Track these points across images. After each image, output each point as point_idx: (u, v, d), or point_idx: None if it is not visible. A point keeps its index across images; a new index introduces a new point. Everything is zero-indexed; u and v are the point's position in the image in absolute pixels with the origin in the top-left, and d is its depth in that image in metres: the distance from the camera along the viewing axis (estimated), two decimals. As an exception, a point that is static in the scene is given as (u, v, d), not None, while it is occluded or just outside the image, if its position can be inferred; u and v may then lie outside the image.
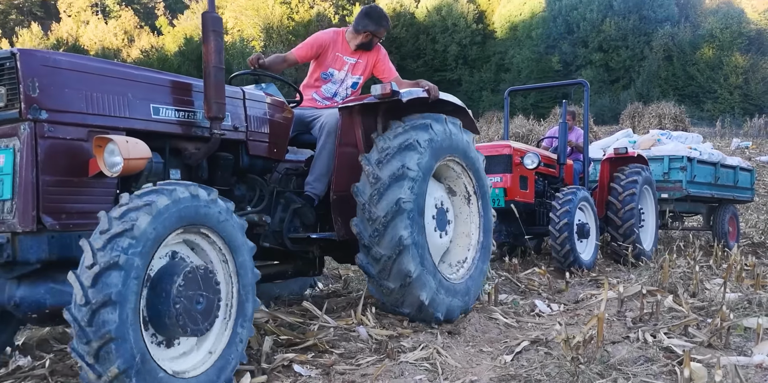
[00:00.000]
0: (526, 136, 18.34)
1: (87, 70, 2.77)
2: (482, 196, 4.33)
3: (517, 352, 3.33)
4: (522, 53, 35.46)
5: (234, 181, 3.66)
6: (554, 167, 7.02)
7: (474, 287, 4.12)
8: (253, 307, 2.84)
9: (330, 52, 4.39)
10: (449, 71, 38.09)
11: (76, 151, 2.68)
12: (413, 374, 2.98)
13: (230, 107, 3.43)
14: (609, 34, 31.85)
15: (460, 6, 38.98)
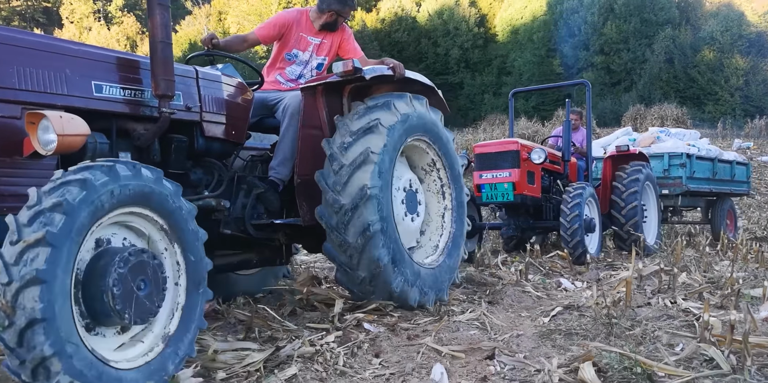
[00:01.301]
0: (531, 137, 18.84)
1: (19, 43, 2.63)
2: (452, 175, 4.25)
3: (553, 315, 3.84)
4: (523, 56, 36.06)
5: (190, 165, 3.53)
6: (559, 164, 7.51)
7: (449, 268, 4.08)
8: (203, 297, 2.69)
9: (293, 32, 4.27)
10: (451, 75, 38.66)
11: (8, 129, 2.53)
12: (467, 330, 3.49)
13: (182, 86, 3.31)
14: (610, 37, 32.47)
15: (462, 10, 39.60)
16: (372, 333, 3.36)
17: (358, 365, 2.91)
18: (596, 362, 2.67)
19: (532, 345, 3.21)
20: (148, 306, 2.41)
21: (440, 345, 3.14)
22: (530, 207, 7.02)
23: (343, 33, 4.38)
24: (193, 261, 2.64)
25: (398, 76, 3.91)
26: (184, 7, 45.55)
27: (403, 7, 40.45)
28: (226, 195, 3.64)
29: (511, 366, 2.86)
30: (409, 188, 3.98)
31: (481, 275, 5.11)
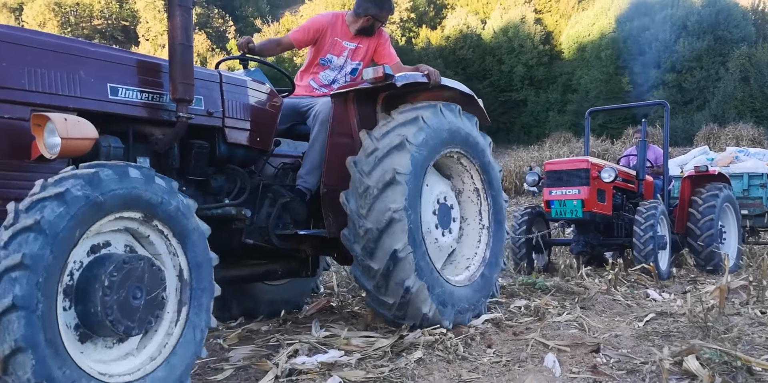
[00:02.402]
0: (602, 155, 18.90)
1: (30, 43, 2.57)
2: (490, 185, 4.08)
3: (647, 320, 4.12)
4: (590, 74, 35.89)
5: (211, 171, 3.45)
6: (633, 183, 7.65)
7: (486, 285, 3.94)
8: (210, 295, 2.63)
9: (328, 36, 4.16)
10: (515, 92, 38.79)
11: (16, 131, 2.47)
12: (567, 329, 3.83)
13: (204, 90, 3.23)
14: (682, 54, 32.01)
15: (527, 27, 39.79)
16: (480, 329, 3.73)
17: (475, 353, 3.29)
18: (698, 357, 2.97)
19: (632, 343, 3.52)
20: (146, 314, 2.34)
21: (546, 339, 3.49)
22: (600, 224, 7.22)
23: (380, 38, 4.26)
24: (196, 258, 2.54)
25: (433, 84, 3.78)
26: (253, 25, 47.26)
27: (468, 24, 40.95)
28: (248, 204, 3.54)
29: (617, 359, 3.18)
30: (442, 201, 3.81)
31: (568, 285, 5.41)
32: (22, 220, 2.02)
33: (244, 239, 3.53)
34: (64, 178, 2.15)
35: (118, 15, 48.61)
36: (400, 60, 4.31)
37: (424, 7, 44.31)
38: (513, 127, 38.30)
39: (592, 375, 2.92)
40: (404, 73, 3.69)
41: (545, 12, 44.55)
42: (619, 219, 7.38)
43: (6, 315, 1.92)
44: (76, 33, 44.07)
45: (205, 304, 2.58)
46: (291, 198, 3.70)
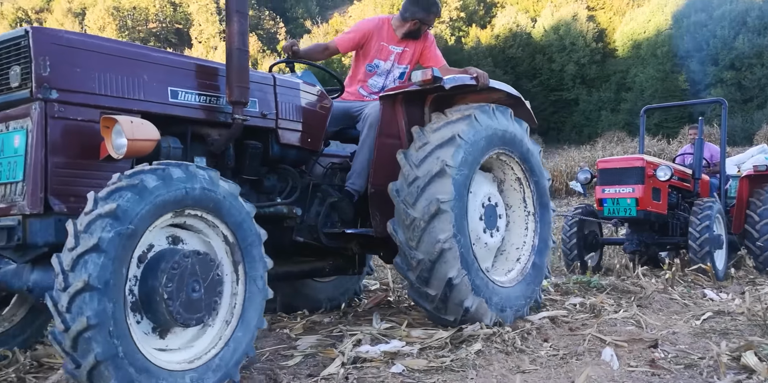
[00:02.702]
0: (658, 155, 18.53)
1: (100, 50, 2.74)
2: (537, 189, 4.11)
3: (705, 318, 4.14)
4: (646, 72, 35.11)
5: (264, 171, 3.57)
6: (689, 182, 7.57)
7: (529, 288, 3.96)
8: (262, 296, 2.75)
9: (374, 41, 4.21)
10: (566, 91, 38.25)
11: (87, 132, 2.64)
12: (623, 326, 3.89)
13: (259, 93, 3.34)
14: (742, 51, 31.01)
15: (579, 25, 39.18)
16: (536, 324, 3.83)
17: (532, 346, 3.40)
18: (756, 353, 3.01)
19: (690, 340, 3.57)
20: (203, 307, 2.47)
21: (603, 335, 3.57)
22: (655, 223, 7.16)
23: (426, 40, 4.31)
24: (251, 259, 2.67)
25: (481, 86, 3.81)
26: (303, 26, 47.93)
27: (518, 22, 40.60)
28: (299, 203, 3.65)
29: (674, 354, 3.25)
30: (488, 202, 3.85)
31: (624, 284, 5.43)
32: (100, 207, 2.18)
33: (295, 237, 3.64)
34: (139, 172, 2.33)
35: (172, 18, 50.00)
36: (446, 62, 4.37)
37: (473, 6, 44.12)
38: (564, 126, 37.78)
39: (650, 369, 3.00)
40: (453, 76, 3.74)
41: (598, 9, 43.78)
42: (674, 218, 7.33)
43: (81, 293, 2.07)
44: (132, 36, 45.55)
45: (258, 305, 2.71)
46: (339, 198, 3.81)
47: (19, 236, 2.50)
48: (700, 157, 7.60)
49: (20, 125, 2.59)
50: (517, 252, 4.09)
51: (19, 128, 2.59)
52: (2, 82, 2.64)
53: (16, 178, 2.56)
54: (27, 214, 2.50)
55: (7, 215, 2.56)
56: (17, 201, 2.54)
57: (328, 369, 2.93)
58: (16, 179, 2.57)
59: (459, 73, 3.89)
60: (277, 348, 3.38)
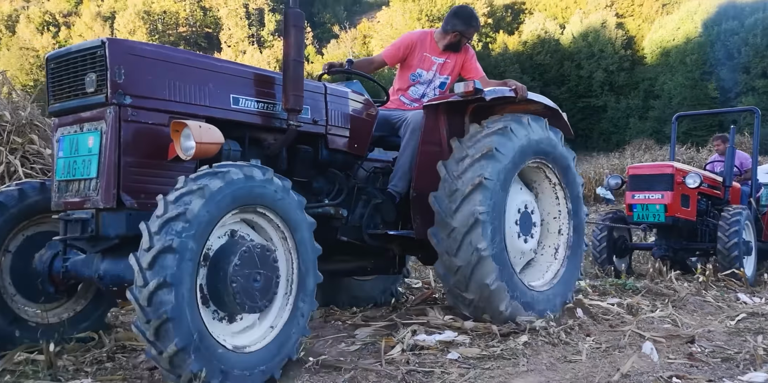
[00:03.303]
0: (687, 163, 18.56)
1: (171, 59, 2.98)
2: (572, 197, 4.28)
3: (739, 319, 4.36)
4: (674, 79, 35.03)
5: (313, 174, 3.80)
6: (719, 189, 7.69)
7: (562, 292, 4.14)
8: (314, 281, 2.98)
9: (417, 52, 4.44)
10: (594, 98, 38.26)
11: (157, 135, 2.88)
12: (660, 324, 4.13)
13: (311, 101, 3.56)
14: (774, 59, 30.98)
15: (608, 32, 39.20)
16: (579, 319, 4.08)
17: (576, 339, 3.65)
18: (790, 348, 3.24)
19: (725, 337, 3.80)
20: (264, 295, 2.71)
21: (642, 331, 3.81)
22: (684, 229, 7.34)
23: (466, 53, 4.52)
24: (303, 248, 2.91)
25: (520, 99, 4.00)
26: (330, 31, 48.54)
27: (546, 29, 40.72)
28: (345, 204, 3.86)
29: (711, 349, 3.48)
30: (524, 209, 4.04)
31: (658, 287, 5.65)
32: (170, 210, 2.41)
33: (339, 236, 3.84)
34: (203, 175, 2.54)
35: (202, 22, 50.97)
36: (485, 74, 4.57)
37: (501, 12, 44.38)
38: (592, 133, 37.75)
39: (689, 361, 3.24)
40: (493, 88, 3.94)
41: (627, 16, 43.75)
42: (703, 225, 7.47)
43: (159, 289, 2.31)
44: (162, 40, 46.49)
45: (310, 288, 2.94)
46: (382, 200, 4.00)
47: (92, 228, 2.76)
48: (731, 165, 7.75)
49: (94, 126, 2.84)
50: (552, 256, 4.28)
51: (93, 129, 2.84)
52: (78, 88, 2.88)
53: (90, 175, 2.81)
54: (100, 208, 2.75)
55: (81, 208, 2.83)
56: (91, 196, 2.79)
57: (390, 354, 3.21)
58: (90, 176, 2.81)
59: (498, 85, 4.10)
60: (337, 337, 3.67)
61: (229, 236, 2.74)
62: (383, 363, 3.09)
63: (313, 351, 3.27)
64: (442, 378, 2.89)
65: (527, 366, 3.11)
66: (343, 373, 2.93)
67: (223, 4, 49.49)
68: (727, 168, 7.76)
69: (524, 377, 2.93)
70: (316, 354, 3.18)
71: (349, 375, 2.89)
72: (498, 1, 45.16)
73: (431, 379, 2.87)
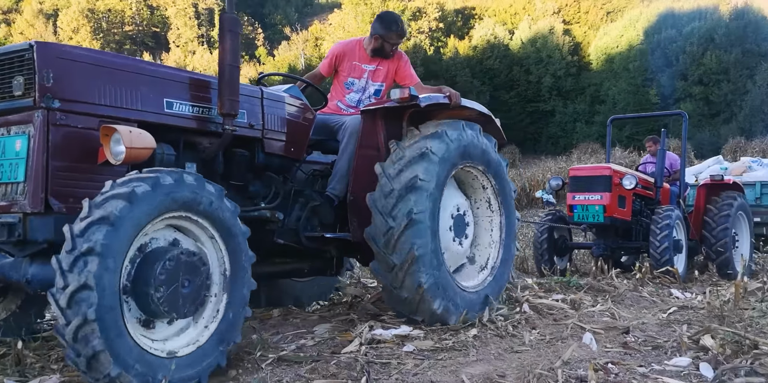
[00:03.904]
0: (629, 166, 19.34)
1: (102, 63, 2.98)
2: (504, 201, 4.43)
3: (670, 312, 4.71)
4: (618, 85, 36.22)
5: (250, 177, 3.84)
6: (651, 190, 8.12)
7: (494, 292, 4.30)
8: (248, 289, 2.99)
9: (347, 61, 4.56)
10: (542, 102, 39.20)
11: (86, 139, 2.87)
12: (600, 317, 4.44)
13: (247, 105, 3.61)
14: (710, 67, 32.26)
15: (556, 38, 40.22)
16: (526, 314, 4.36)
17: (521, 332, 3.91)
18: (712, 336, 3.57)
19: (657, 328, 4.13)
20: (192, 301, 2.71)
21: (583, 323, 4.11)
22: (620, 229, 7.72)
23: (399, 60, 4.61)
24: (236, 256, 2.92)
25: (454, 105, 4.13)
26: (282, 33, 48.30)
27: (496, 34, 41.49)
28: (281, 207, 3.90)
29: (644, 339, 3.79)
30: (457, 212, 4.18)
31: (599, 284, 6.00)
32: (94, 213, 2.42)
33: (276, 239, 3.87)
34: (131, 180, 2.56)
35: (149, 21, 50.04)
36: (420, 81, 4.69)
37: (452, 17, 45.04)
38: (540, 137, 38.70)
39: (624, 349, 3.54)
40: (428, 95, 4.08)
41: (574, 23, 45.01)
42: (637, 224, 7.85)
43: (79, 292, 2.31)
44: (107, 38, 45.49)
45: (243, 295, 2.95)
46: (320, 203, 4.09)
47: (20, 232, 2.74)
48: (662, 166, 8.12)
49: (22, 130, 2.81)
50: (484, 258, 4.45)
51: (21, 133, 2.81)
52: (5, 90, 2.86)
53: (18, 179, 2.79)
54: (28, 212, 2.73)
55: (8, 212, 2.80)
56: (18, 200, 2.77)
57: (349, 348, 3.41)
58: (17, 180, 2.79)
59: (433, 92, 4.25)
60: (297, 333, 3.84)
61: (157, 241, 2.73)
62: (342, 356, 3.28)
63: (273, 347, 3.44)
64: (398, 368, 3.10)
65: (477, 356, 3.35)
66: (304, 365, 3.10)
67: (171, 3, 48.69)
68: (658, 170, 8.12)
69: (474, 366, 3.17)
70: (277, 350, 3.35)
71: (310, 367, 3.07)
72: (449, 6, 45.84)
73: (388, 369, 3.08)
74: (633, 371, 3.08)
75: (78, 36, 43.29)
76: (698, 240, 8.01)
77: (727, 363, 3.07)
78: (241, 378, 2.92)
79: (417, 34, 40.86)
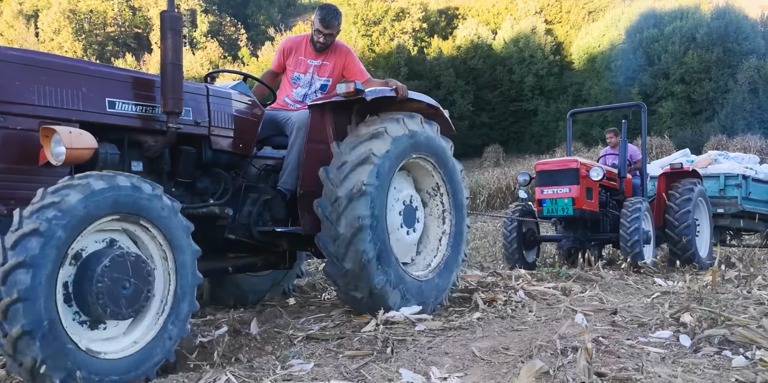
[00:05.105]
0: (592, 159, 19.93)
1: (40, 64, 2.99)
2: (453, 192, 4.49)
3: (654, 297, 5.17)
4: (600, 84, 36.92)
5: (198, 174, 3.88)
6: (615, 181, 8.43)
7: (438, 287, 4.35)
8: (189, 309, 2.97)
9: (293, 56, 4.64)
10: (525, 102, 39.82)
11: (26, 141, 2.88)
12: (590, 301, 4.89)
13: (193, 102, 3.65)
14: (691, 66, 33.03)
15: (538, 38, 40.88)
16: (523, 300, 4.80)
17: (520, 314, 4.36)
18: (691, 314, 4.02)
19: (642, 310, 4.58)
20: (130, 304, 2.71)
21: (574, 306, 4.56)
22: (588, 221, 7.98)
23: (346, 55, 4.68)
24: (183, 273, 2.93)
25: (400, 98, 4.20)
26: (265, 33, 48.53)
27: (479, 34, 42.05)
28: (231, 203, 3.96)
29: (630, 318, 4.24)
30: (408, 203, 4.26)
31: (587, 274, 6.47)
32: (25, 225, 2.44)
33: (227, 234, 3.95)
34: (60, 188, 2.56)
35: (131, 22, 49.97)
36: (370, 76, 4.73)
37: (435, 17, 45.52)
38: (523, 136, 39.33)
39: (612, 327, 3.99)
40: (374, 88, 4.13)
41: (556, 23, 45.71)
42: (604, 215, 8.13)
43: (13, 305, 2.34)
44: (89, 39, 45.41)
45: (184, 313, 2.96)
46: (272, 197, 4.15)
47: None
48: (624, 157, 8.38)
49: None
50: (435, 246, 4.56)
51: None
52: None
53: None
54: None
55: None
56: None
57: (367, 328, 3.82)
58: None
59: (381, 85, 4.32)
60: (317, 316, 4.25)
61: (106, 242, 2.78)
62: (362, 334, 3.69)
63: (300, 328, 3.85)
64: (414, 343, 3.52)
65: (482, 333, 3.78)
66: (330, 342, 3.52)
67: (154, 4, 48.72)
68: (621, 161, 8.38)
69: (481, 341, 3.59)
70: (304, 330, 3.75)
71: (336, 343, 3.48)
72: (432, 6, 46.33)
73: (405, 344, 3.50)
74: (621, 343, 3.52)
75: (59, 37, 43.25)
76: (661, 227, 8.23)
77: (704, 334, 3.52)
78: (277, 352, 3.33)
79: (401, 35, 41.29)
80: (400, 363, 3.07)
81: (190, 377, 2.85)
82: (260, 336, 3.60)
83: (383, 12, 41.50)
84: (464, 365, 3.14)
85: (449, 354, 3.31)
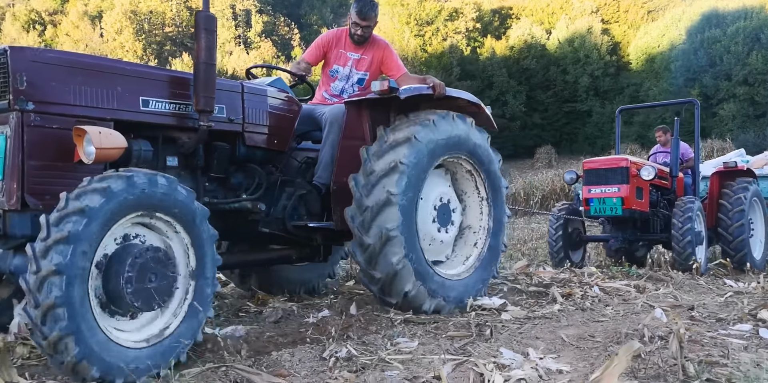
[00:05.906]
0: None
1: (75, 65, 3.10)
2: (493, 193, 4.48)
3: (727, 296, 5.33)
4: (659, 86, 36.37)
5: (232, 169, 3.95)
6: (667, 180, 8.15)
7: (475, 284, 4.34)
8: (212, 290, 3.10)
9: (334, 49, 4.67)
10: (579, 102, 39.48)
11: (61, 139, 2.99)
12: (665, 299, 5.10)
13: (227, 99, 3.72)
14: (755, 67, 32.28)
15: (594, 38, 40.48)
16: (599, 295, 5.04)
17: (598, 308, 4.60)
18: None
19: (718, 307, 4.78)
20: (158, 296, 2.84)
21: (651, 302, 4.78)
22: (638, 221, 7.76)
23: (385, 49, 4.71)
24: (203, 258, 3.04)
25: (437, 96, 4.18)
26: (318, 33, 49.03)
27: (533, 34, 41.88)
28: (264, 198, 4.02)
29: (707, 314, 4.46)
30: (443, 201, 4.26)
31: (657, 274, 6.64)
32: (71, 205, 2.59)
33: (260, 228, 4.03)
34: (107, 177, 2.73)
35: (189, 22, 51.39)
36: (407, 71, 4.75)
37: (489, 17, 45.50)
38: (577, 137, 39.00)
39: (691, 321, 4.20)
40: (409, 86, 4.14)
41: (613, 22, 45.16)
42: (654, 215, 7.91)
43: (50, 277, 2.47)
44: (149, 39, 46.93)
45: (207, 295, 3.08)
46: (307, 191, 4.21)
47: (0, 227, 2.93)
48: (676, 155, 8.16)
49: (0, 130, 2.97)
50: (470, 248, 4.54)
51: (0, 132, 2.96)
52: None
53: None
54: (6, 209, 2.91)
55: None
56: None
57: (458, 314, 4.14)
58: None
59: (419, 82, 4.34)
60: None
61: (128, 237, 2.89)
62: (459, 318, 4.00)
63: (396, 312, 4.18)
64: (504, 329, 3.82)
65: (567, 322, 4.06)
66: (428, 325, 3.84)
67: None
68: (673, 159, 8.16)
69: (567, 329, 3.87)
70: (402, 314, 4.09)
71: (433, 326, 3.81)
72: (486, 6, 46.31)
73: (497, 329, 3.80)
74: (702, 334, 3.75)
75: (121, 37, 44.78)
76: (713, 227, 8.03)
77: (784, 329, 3.72)
78: (381, 331, 3.67)
79: (454, 35, 41.41)
80: (499, 343, 3.38)
81: (314, 348, 3.22)
82: (363, 318, 3.95)
83: (436, 12, 41.66)
84: (556, 348, 3.43)
85: (540, 339, 3.60)
